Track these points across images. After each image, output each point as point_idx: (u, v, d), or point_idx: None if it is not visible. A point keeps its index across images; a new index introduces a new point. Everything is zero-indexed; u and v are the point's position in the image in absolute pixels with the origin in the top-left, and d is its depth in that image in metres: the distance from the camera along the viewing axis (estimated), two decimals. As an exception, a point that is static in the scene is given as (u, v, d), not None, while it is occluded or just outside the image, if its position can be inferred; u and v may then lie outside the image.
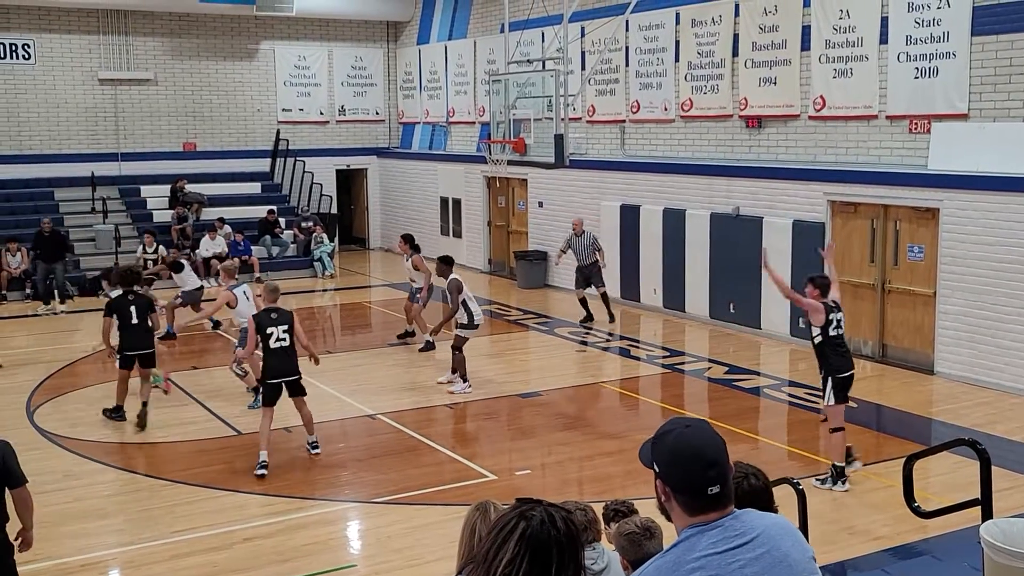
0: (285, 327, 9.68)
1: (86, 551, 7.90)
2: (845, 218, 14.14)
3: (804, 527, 5.79)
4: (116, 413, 11.18)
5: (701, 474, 2.58)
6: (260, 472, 9.42)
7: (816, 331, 9.01)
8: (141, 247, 19.28)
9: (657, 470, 2.66)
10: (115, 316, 10.93)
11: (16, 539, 5.89)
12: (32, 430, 10.98)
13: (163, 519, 8.50)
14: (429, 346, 14.66)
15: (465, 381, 12.42)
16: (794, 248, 14.58)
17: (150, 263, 18.34)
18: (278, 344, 9.64)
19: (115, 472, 9.71)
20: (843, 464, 9.00)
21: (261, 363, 10.11)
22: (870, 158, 13.94)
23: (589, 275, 16.62)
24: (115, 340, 11.05)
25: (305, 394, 10.06)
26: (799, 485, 6.03)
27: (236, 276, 12.53)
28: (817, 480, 8.96)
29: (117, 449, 10.45)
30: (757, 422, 11.42)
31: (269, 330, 9.61)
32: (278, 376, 9.71)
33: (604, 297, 16.56)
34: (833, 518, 8.31)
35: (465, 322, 12.39)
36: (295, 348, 9.78)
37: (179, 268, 15.71)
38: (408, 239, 15.36)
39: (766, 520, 2.70)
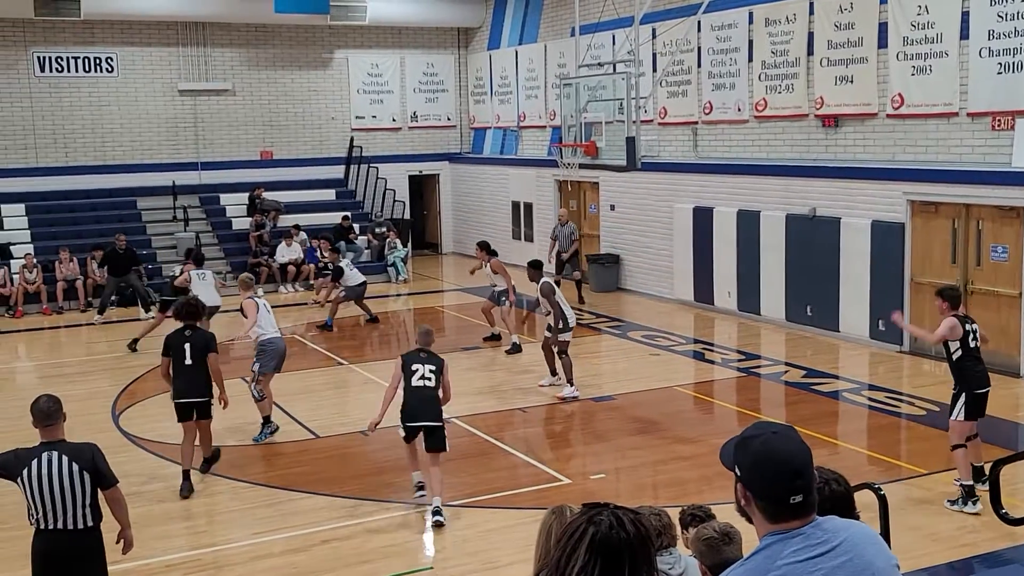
0: (433, 368, 8.69)
1: (170, 552, 8.09)
2: (926, 218, 13.83)
3: (886, 533, 5.67)
4: (186, 485, 9.31)
5: (785, 483, 2.54)
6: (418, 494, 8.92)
7: (955, 345, 8.48)
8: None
9: (738, 473, 2.63)
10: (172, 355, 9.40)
11: (117, 541, 6.05)
12: (118, 433, 11.28)
13: (244, 521, 8.67)
14: (516, 348, 14.75)
15: (572, 385, 12.31)
16: (873, 249, 14.31)
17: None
18: (421, 383, 8.61)
19: (197, 475, 9.91)
20: (971, 483, 8.38)
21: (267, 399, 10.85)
22: (951, 156, 13.61)
23: (564, 262, 18.72)
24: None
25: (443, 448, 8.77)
26: (880, 490, 5.92)
27: (253, 287, 11.91)
28: (948, 502, 8.46)
29: (198, 452, 10.65)
30: (836, 426, 11.22)
31: (415, 367, 8.66)
32: (416, 419, 8.62)
33: (577, 284, 18.80)
34: (916, 524, 8.13)
35: (561, 326, 12.37)
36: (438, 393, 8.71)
37: (340, 273, 17.24)
38: (484, 246, 15.66)
39: (849, 528, 2.66)
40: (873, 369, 13.64)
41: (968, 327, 8.54)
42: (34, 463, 5.67)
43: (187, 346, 9.29)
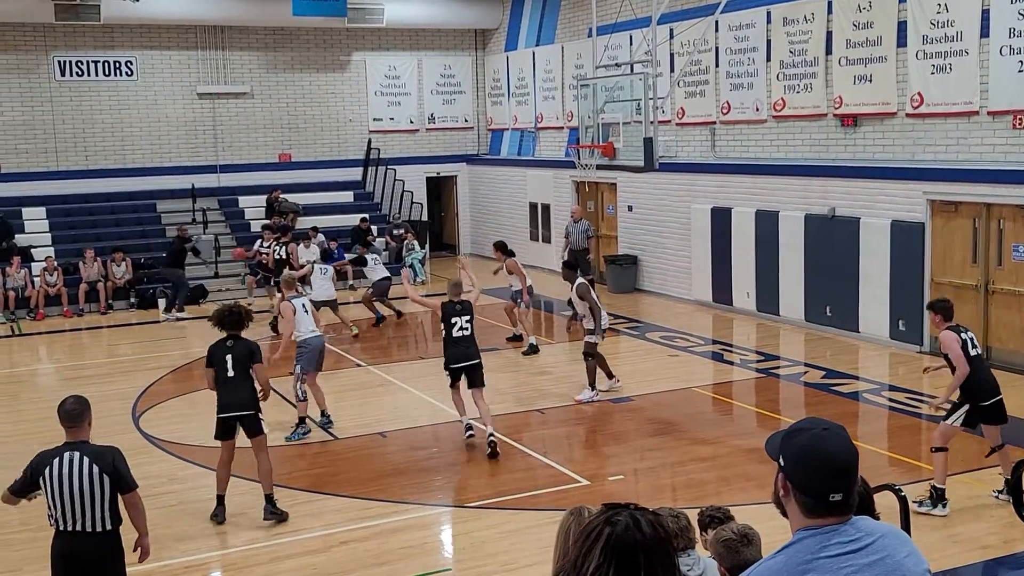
0: (468, 317, 10.42)
1: (190, 553, 8.13)
2: (946, 218, 13.74)
3: (907, 534, 5.64)
4: (219, 510, 8.77)
5: (827, 480, 2.55)
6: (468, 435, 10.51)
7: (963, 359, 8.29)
8: (259, 241, 19.11)
9: (782, 464, 2.63)
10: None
11: (135, 548, 6.07)
12: (138, 435, 11.34)
13: (263, 522, 8.69)
14: (533, 349, 14.76)
15: (593, 389, 12.27)
16: (893, 249, 14.23)
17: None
18: (460, 333, 10.37)
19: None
20: (944, 486, 8.36)
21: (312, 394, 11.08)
22: (971, 155, 13.52)
23: (578, 261, 17.22)
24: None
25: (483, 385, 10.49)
26: (901, 492, 5.89)
27: (297, 288, 12.00)
28: (916, 502, 8.29)
29: (219, 454, 10.70)
30: (856, 427, 11.16)
31: (453, 320, 10.36)
32: (459, 360, 10.39)
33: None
34: (936, 525, 8.08)
35: (592, 327, 12.31)
36: (474, 337, 10.52)
37: (363, 263, 17.26)
38: (500, 246, 15.66)
39: (882, 528, 2.67)
40: (893, 370, 13.56)
41: (964, 336, 8.36)
42: (55, 462, 5.70)
43: (229, 357, 8.63)
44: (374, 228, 22.93)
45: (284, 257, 18.47)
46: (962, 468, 9.49)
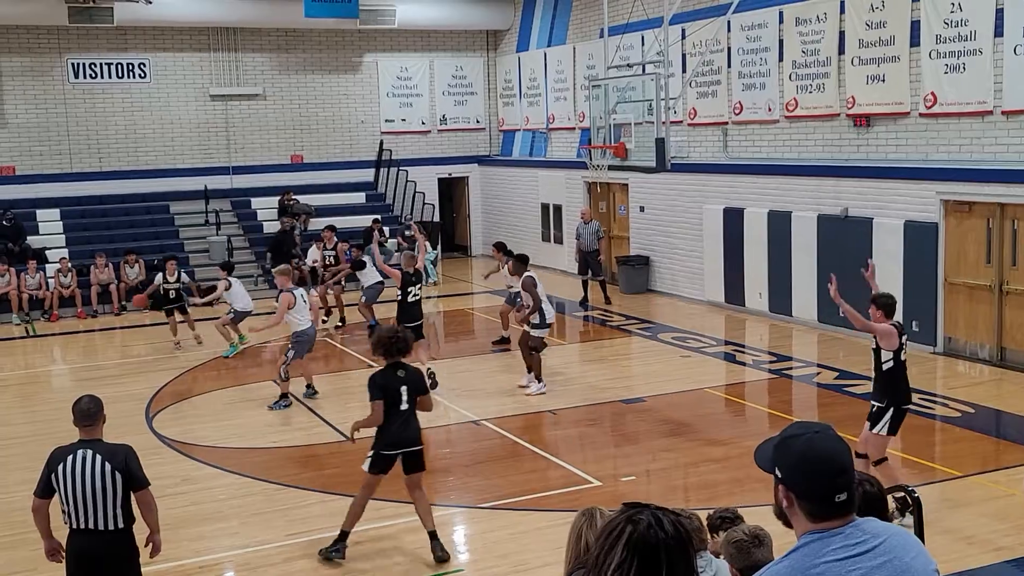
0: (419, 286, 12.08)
1: (203, 553, 8.16)
2: (959, 218, 13.68)
3: (920, 536, 5.62)
4: (340, 548, 7.89)
5: (830, 482, 2.55)
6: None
7: (887, 356, 8.15)
8: (161, 275, 16.51)
9: (779, 475, 2.62)
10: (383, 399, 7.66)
11: (146, 544, 6.10)
12: (151, 435, 11.38)
13: (277, 523, 8.72)
14: (503, 340, 15.14)
15: (540, 381, 12.49)
16: (906, 250, 14.17)
17: (171, 292, 16.35)
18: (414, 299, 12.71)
19: (230, 476, 10.00)
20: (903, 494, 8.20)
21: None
22: (985, 155, 13.46)
23: (589, 262, 18.34)
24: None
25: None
26: (914, 493, 5.86)
27: (292, 275, 13.11)
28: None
29: (232, 454, 10.76)
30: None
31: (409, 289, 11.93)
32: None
33: (602, 284, 18.46)
34: (950, 527, 8.04)
35: (537, 322, 12.43)
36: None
37: (361, 266, 16.97)
38: (501, 247, 15.76)
39: (889, 530, 2.65)
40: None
41: (903, 340, 8.23)
42: (68, 459, 5.73)
43: (404, 389, 7.64)
44: (386, 229, 22.96)
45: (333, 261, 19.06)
46: (978, 469, 9.46)
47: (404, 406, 7.64)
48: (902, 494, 7.91)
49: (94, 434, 5.83)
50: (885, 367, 8.22)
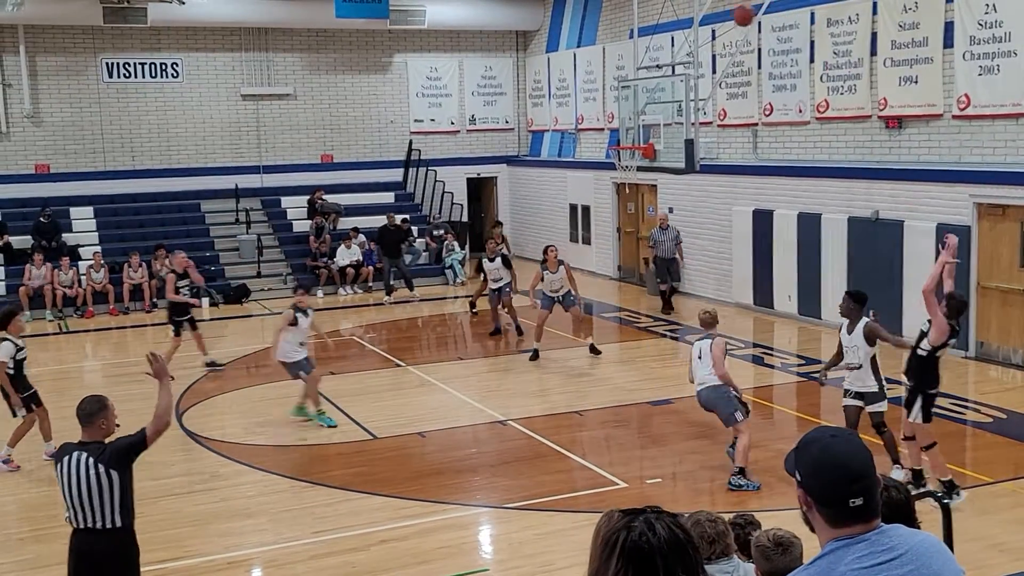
0: None
1: (232, 549, 8.23)
2: (993, 221, 13.54)
3: (949, 543, 5.57)
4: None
5: (844, 487, 2.52)
6: None
7: (929, 347, 8.62)
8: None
9: (799, 479, 2.61)
10: None
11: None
12: (181, 432, 11.49)
13: (304, 520, 8.78)
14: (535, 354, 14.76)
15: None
16: (938, 253, 13.99)
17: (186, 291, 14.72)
18: None
19: (259, 474, 10.07)
20: (950, 477, 8.56)
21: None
22: (1019, 158, 13.30)
23: (668, 269, 18.07)
24: None
25: None
26: (944, 499, 5.81)
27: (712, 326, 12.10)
28: (933, 501, 8.36)
29: (260, 452, 10.84)
30: (899, 433, 11.00)
31: None
32: None
33: (671, 290, 18.01)
34: (980, 535, 7.96)
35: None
36: None
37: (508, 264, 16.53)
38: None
39: (915, 537, 2.62)
40: (937, 375, 13.35)
41: (949, 342, 8.67)
42: (65, 460, 5.77)
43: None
44: (415, 229, 23.04)
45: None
46: (1010, 475, 9.36)
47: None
48: (949, 478, 8.05)
49: (93, 435, 5.82)
50: (921, 353, 8.69)
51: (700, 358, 9.72)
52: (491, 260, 16.26)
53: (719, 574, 4.33)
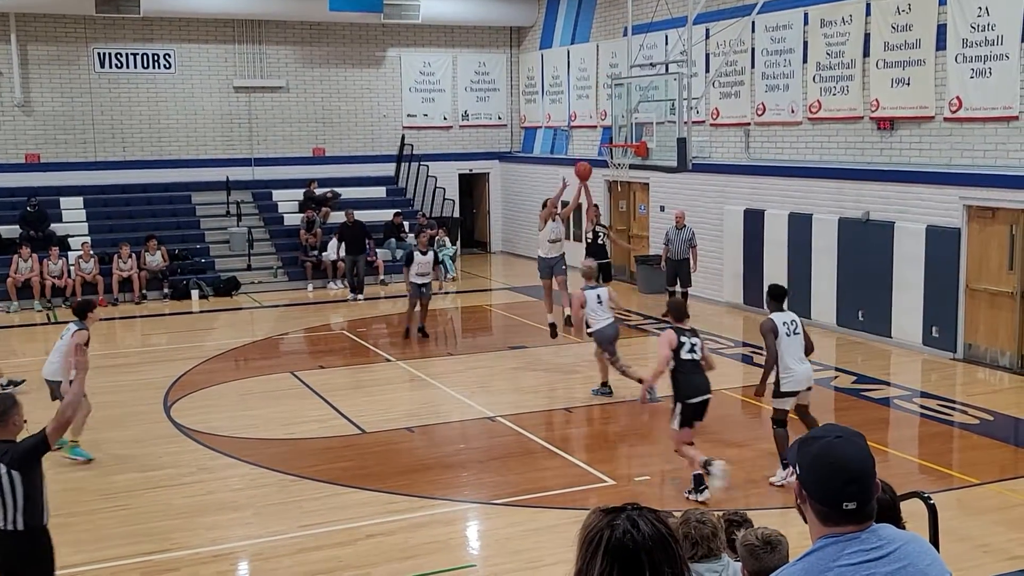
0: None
1: (218, 542, 8.21)
2: (982, 224, 13.58)
3: (935, 544, 5.59)
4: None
5: (839, 488, 2.54)
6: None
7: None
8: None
9: (797, 472, 2.63)
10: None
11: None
12: (169, 424, 11.46)
13: (291, 514, 8.76)
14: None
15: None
16: (928, 254, 14.08)
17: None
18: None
19: (246, 467, 10.05)
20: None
21: None
22: (1010, 161, 13.35)
23: (678, 271, 16.99)
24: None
25: None
26: (930, 500, 5.83)
27: (593, 278, 12.41)
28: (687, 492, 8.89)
29: (248, 444, 10.81)
30: (886, 434, 11.06)
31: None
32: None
33: (684, 296, 16.34)
34: (966, 535, 7.99)
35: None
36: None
37: (411, 259, 15.75)
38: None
39: (904, 536, 2.65)
40: (926, 376, 13.43)
41: (683, 339, 8.99)
42: None
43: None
44: (407, 224, 23.01)
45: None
46: (996, 477, 9.40)
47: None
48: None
49: (4, 434, 5.68)
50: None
51: (600, 303, 11.90)
52: (423, 253, 15.78)
53: (708, 573, 4.34)
